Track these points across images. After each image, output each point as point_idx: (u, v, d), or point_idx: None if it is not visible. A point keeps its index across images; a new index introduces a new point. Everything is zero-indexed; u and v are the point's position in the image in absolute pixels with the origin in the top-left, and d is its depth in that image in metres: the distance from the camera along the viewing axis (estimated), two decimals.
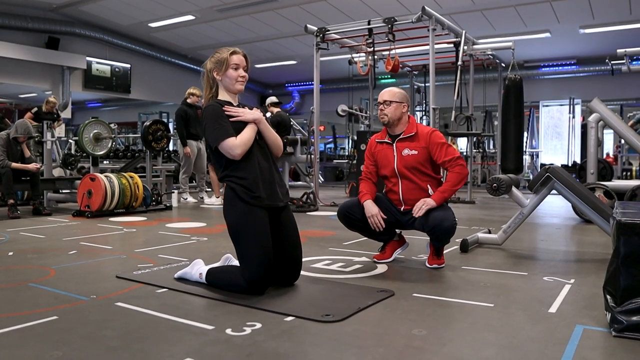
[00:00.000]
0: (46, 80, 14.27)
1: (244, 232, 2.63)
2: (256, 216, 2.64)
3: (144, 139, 7.71)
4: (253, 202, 2.64)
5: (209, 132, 2.69)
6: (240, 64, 2.76)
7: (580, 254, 4.09)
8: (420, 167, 3.32)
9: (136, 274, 3.06)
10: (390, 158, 3.39)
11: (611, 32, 12.63)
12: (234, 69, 2.75)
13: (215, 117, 2.69)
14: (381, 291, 2.69)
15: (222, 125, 2.67)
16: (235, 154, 2.64)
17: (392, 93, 3.41)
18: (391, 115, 3.36)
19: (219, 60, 2.75)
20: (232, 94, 2.82)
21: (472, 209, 7.40)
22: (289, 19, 12.85)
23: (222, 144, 2.64)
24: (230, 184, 2.69)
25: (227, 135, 2.64)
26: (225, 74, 2.76)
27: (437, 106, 7.42)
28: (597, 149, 6.41)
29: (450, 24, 7.72)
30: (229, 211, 2.71)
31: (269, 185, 2.73)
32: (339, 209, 3.51)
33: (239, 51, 2.79)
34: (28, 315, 2.26)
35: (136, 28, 14.55)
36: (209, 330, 2.08)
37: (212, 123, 2.68)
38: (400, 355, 1.85)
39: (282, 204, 2.79)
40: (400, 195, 3.37)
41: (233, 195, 2.68)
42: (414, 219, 3.29)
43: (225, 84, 2.79)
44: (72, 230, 5.06)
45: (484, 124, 14.45)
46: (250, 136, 2.69)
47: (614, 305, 2.09)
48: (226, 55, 2.74)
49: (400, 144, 3.37)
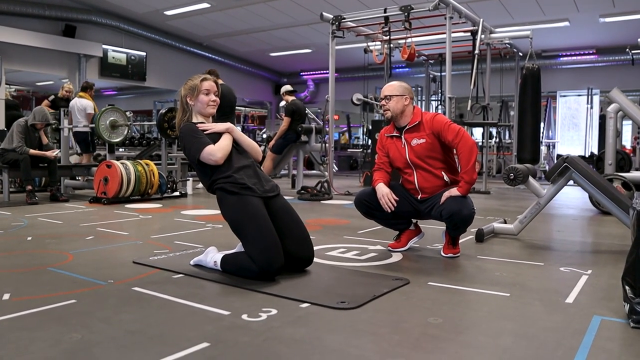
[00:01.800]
0: (63, 68, 14.35)
1: (242, 220, 2.72)
2: (250, 203, 2.74)
3: (160, 126, 7.73)
4: (243, 192, 2.76)
5: (189, 148, 2.87)
6: (210, 89, 2.96)
7: (597, 245, 4.05)
8: (432, 154, 3.30)
9: (152, 260, 3.09)
10: (401, 150, 3.38)
11: (632, 21, 12.38)
12: (205, 94, 2.95)
13: (190, 133, 2.89)
14: (396, 279, 2.69)
15: (199, 138, 2.86)
16: (217, 158, 2.79)
17: (391, 87, 3.42)
18: (393, 109, 3.35)
19: (192, 87, 2.96)
20: (205, 117, 3.00)
21: (487, 199, 7.36)
22: (304, 7, 12.77)
23: (203, 153, 2.80)
24: (217, 185, 2.84)
25: (204, 144, 2.82)
26: (197, 99, 2.96)
27: (453, 95, 7.35)
28: (616, 139, 6.32)
29: (467, 12, 7.64)
30: (224, 209, 2.83)
31: (255, 179, 2.88)
32: (356, 197, 3.53)
33: (210, 78, 3.00)
34: (47, 299, 2.29)
35: (152, 16, 14.56)
36: (225, 316, 2.09)
37: (189, 139, 2.87)
38: (416, 343, 1.85)
39: (272, 194, 2.89)
40: (416, 184, 3.36)
41: (223, 194, 2.82)
42: (431, 207, 3.28)
43: (197, 109, 2.98)
44: (89, 216, 5.11)
45: (500, 114, 14.31)
46: (227, 142, 2.88)
47: (633, 296, 2.07)
48: (197, 82, 2.95)
49: (409, 135, 3.35)
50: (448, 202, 3.17)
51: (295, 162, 9.46)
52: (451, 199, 3.17)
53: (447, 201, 3.18)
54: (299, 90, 19.06)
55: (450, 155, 3.39)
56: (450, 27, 7.23)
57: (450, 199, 3.18)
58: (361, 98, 10.27)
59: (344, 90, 12.52)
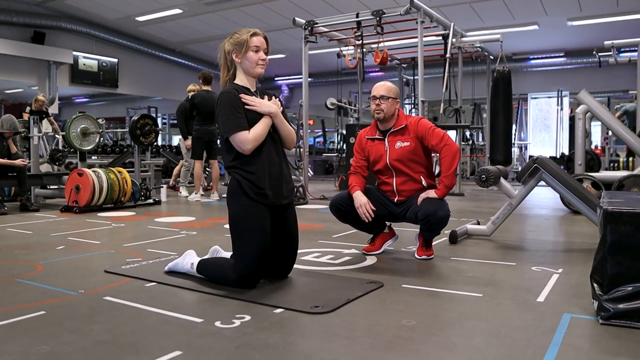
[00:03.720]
0: (32, 76, 14.12)
1: (243, 226, 2.58)
2: (257, 212, 2.58)
3: (132, 133, 7.65)
4: (257, 198, 2.58)
5: (222, 120, 2.59)
6: (261, 47, 2.65)
7: (568, 244, 4.12)
8: (414, 157, 3.32)
9: (125, 268, 3.04)
10: (382, 153, 3.38)
11: (599, 25, 12.69)
12: (255, 51, 2.63)
13: (230, 105, 2.58)
14: (370, 282, 2.70)
15: (237, 116, 2.56)
16: (246, 149, 2.55)
17: (387, 88, 3.36)
18: (387, 110, 3.32)
19: (239, 42, 2.63)
20: (250, 78, 2.71)
21: (461, 201, 7.43)
22: (277, 12, 12.79)
23: (234, 137, 2.55)
24: (236, 175, 2.62)
25: (240, 127, 2.54)
26: (245, 57, 2.64)
27: (426, 99, 7.43)
28: (585, 140, 6.45)
29: (438, 17, 7.72)
30: (232, 202, 2.64)
31: (276, 181, 2.66)
32: (331, 201, 3.51)
33: (260, 33, 2.67)
34: (15, 311, 2.23)
35: (123, 22, 14.42)
36: (198, 323, 2.07)
37: (226, 112, 2.58)
38: (389, 345, 1.85)
39: (286, 202, 2.73)
40: (394, 186, 3.37)
41: (238, 188, 2.61)
42: (406, 209, 3.30)
43: (244, 67, 2.67)
44: (60, 225, 5.02)
45: (472, 117, 14.50)
46: (263, 131, 2.59)
47: (601, 294, 2.11)
48: (246, 37, 2.62)
49: (392, 137, 3.36)
50: (424, 204, 3.19)
51: None
52: (427, 201, 3.20)
53: (424, 202, 3.20)
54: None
55: (429, 160, 3.42)
56: (422, 31, 7.29)
57: (427, 200, 3.20)
58: (335, 102, 10.31)
59: (318, 94, 12.56)
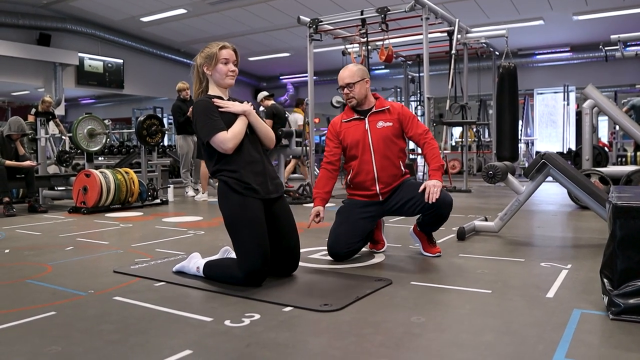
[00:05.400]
0: (38, 78, 14.18)
1: (239, 223, 2.63)
2: (250, 207, 2.64)
3: (139, 134, 7.67)
4: (246, 193, 2.65)
5: (200, 126, 2.69)
6: (230, 59, 2.78)
7: (576, 239, 4.10)
8: (394, 139, 3.29)
9: (133, 268, 3.05)
10: (362, 133, 3.28)
11: (604, 19, 12.61)
12: (224, 63, 2.77)
13: (205, 111, 2.69)
14: (379, 280, 2.70)
15: (213, 120, 2.67)
16: (227, 148, 2.64)
17: (351, 74, 3.27)
18: (358, 95, 3.27)
19: (209, 55, 2.76)
20: (222, 89, 2.83)
21: (468, 198, 7.42)
22: (281, 11, 12.78)
23: (214, 139, 2.64)
24: (222, 177, 2.70)
25: (218, 129, 2.64)
26: (215, 69, 2.77)
27: (432, 96, 7.40)
28: (592, 135, 6.41)
29: (443, 13, 7.70)
30: (224, 204, 2.71)
31: (261, 177, 2.73)
32: (331, 251, 3.31)
33: (229, 45, 2.81)
34: (26, 311, 2.25)
35: (128, 23, 14.46)
36: (207, 322, 2.08)
37: (202, 118, 2.68)
38: (399, 342, 1.85)
39: (275, 195, 2.78)
40: (375, 172, 3.25)
41: (226, 188, 2.69)
42: (398, 203, 3.26)
43: (215, 79, 2.80)
44: (68, 226, 5.05)
45: (478, 113, 14.45)
46: (241, 129, 2.70)
47: (611, 289, 2.10)
48: (215, 50, 2.75)
49: (373, 117, 3.29)
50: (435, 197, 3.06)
51: (276, 166, 9.44)
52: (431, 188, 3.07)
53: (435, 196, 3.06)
54: (279, 94, 19.06)
55: (404, 143, 3.42)
56: (426, 28, 7.27)
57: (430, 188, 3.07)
58: (340, 100, 10.26)
59: (324, 93, 12.53)
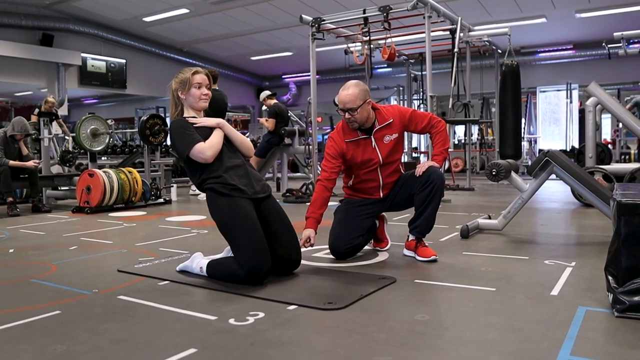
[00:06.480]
0: (41, 78, 14.20)
1: (231, 223, 2.69)
2: (240, 206, 2.70)
3: (141, 133, 7.67)
4: (233, 194, 2.73)
5: (178, 143, 2.80)
6: (202, 83, 2.91)
7: (580, 237, 4.09)
8: (398, 147, 3.32)
9: (138, 268, 3.06)
10: (371, 152, 3.22)
11: (607, 16, 12.56)
12: (197, 87, 2.90)
13: (181, 129, 2.82)
14: (383, 278, 2.70)
15: (189, 134, 2.78)
16: (207, 157, 2.73)
17: (352, 98, 3.10)
18: (360, 119, 3.16)
19: (183, 80, 2.90)
20: (196, 111, 2.96)
21: (471, 196, 7.40)
22: (283, 10, 12.77)
23: (192, 150, 2.74)
24: (207, 185, 2.79)
25: (195, 141, 2.76)
26: (189, 93, 2.91)
27: (435, 94, 7.39)
28: (595, 133, 6.40)
29: (445, 11, 7.68)
30: (214, 210, 2.79)
31: (245, 178, 2.82)
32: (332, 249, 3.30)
33: (201, 70, 2.95)
34: (31, 311, 2.26)
35: (130, 23, 14.46)
36: (212, 321, 2.08)
37: (179, 134, 2.80)
38: (403, 340, 1.85)
39: (262, 195, 2.85)
40: (381, 181, 3.29)
41: (213, 194, 2.77)
42: (393, 197, 3.32)
43: (189, 102, 2.93)
44: (72, 226, 5.06)
45: (481, 111, 14.43)
46: (218, 139, 2.81)
47: (616, 286, 2.10)
48: (189, 75, 2.89)
49: (379, 133, 3.24)
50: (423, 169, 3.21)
51: (279, 165, 9.45)
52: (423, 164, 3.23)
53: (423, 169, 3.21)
54: (281, 93, 19.05)
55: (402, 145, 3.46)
56: (429, 26, 7.25)
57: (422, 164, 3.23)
58: None
59: (326, 92, 12.51)
